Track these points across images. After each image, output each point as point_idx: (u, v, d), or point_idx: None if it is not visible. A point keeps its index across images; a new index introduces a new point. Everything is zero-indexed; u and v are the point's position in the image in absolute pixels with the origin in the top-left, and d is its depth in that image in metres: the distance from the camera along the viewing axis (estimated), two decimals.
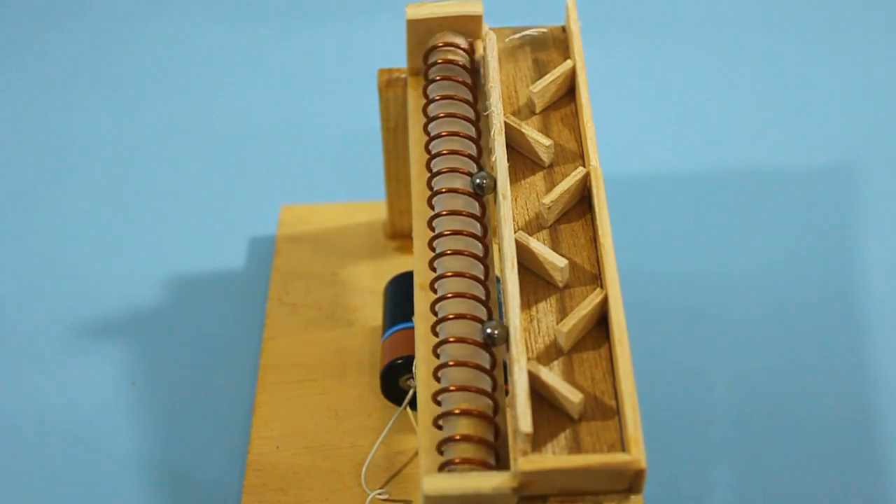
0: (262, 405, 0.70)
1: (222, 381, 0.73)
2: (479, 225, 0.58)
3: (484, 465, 0.51)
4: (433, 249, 0.58)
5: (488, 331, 0.53)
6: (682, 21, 0.97)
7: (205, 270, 0.80)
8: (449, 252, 0.56)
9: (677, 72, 0.94)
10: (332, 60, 0.95)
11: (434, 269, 0.57)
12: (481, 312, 0.55)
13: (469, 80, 0.63)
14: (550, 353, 0.53)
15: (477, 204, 0.59)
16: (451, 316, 0.55)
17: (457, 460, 0.50)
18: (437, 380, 0.54)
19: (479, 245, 0.57)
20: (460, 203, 0.58)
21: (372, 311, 0.74)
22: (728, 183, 0.85)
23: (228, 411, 0.72)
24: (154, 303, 0.78)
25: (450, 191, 0.58)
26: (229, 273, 0.79)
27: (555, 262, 0.55)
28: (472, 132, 0.61)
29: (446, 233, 0.57)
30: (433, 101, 0.62)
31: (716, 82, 0.93)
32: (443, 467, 0.51)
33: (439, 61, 0.63)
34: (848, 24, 0.97)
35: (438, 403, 0.53)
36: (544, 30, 0.66)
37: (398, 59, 0.70)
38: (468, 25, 0.64)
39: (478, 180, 0.59)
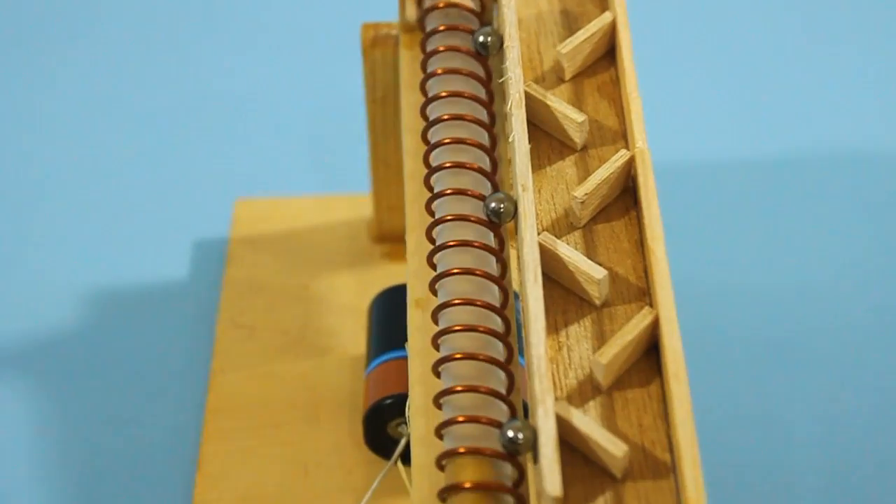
0: (208, 459, 0.69)
1: (158, 428, 0.72)
2: (490, 233, 0.56)
3: None
4: (433, 266, 0.56)
5: (492, 205, 0.56)
6: None
7: (138, 284, 0.79)
8: (456, 271, 0.55)
9: (744, 29, 0.92)
10: (303, 13, 0.94)
11: (435, 292, 0.55)
12: (497, 351, 0.53)
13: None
14: (585, 392, 0.51)
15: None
16: (457, 356, 0.52)
17: None
18: (440, 437, 0.52)
19: (493, 260, 0.56)
20: (469, 207, 0.57)
21: (353, 335, 0.74)
22: (813, 174, 0.84)
23: (165, 467, 0.71)
24: (72, 327, 0.77)
25: (456, 192, 0.57)
26: (169, 286, 0.79)
27: (590, 272, 0.53)
28: (484, 116, 0.59)
29: (450, 244, 0.55)
30: (432, 75, 0.61)
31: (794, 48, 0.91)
32: None
33: (441, 28, 0.62)
34: None
35: (442, 468, 0.51)
36: None
37: (387, 11, 0.69)
38: None
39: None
